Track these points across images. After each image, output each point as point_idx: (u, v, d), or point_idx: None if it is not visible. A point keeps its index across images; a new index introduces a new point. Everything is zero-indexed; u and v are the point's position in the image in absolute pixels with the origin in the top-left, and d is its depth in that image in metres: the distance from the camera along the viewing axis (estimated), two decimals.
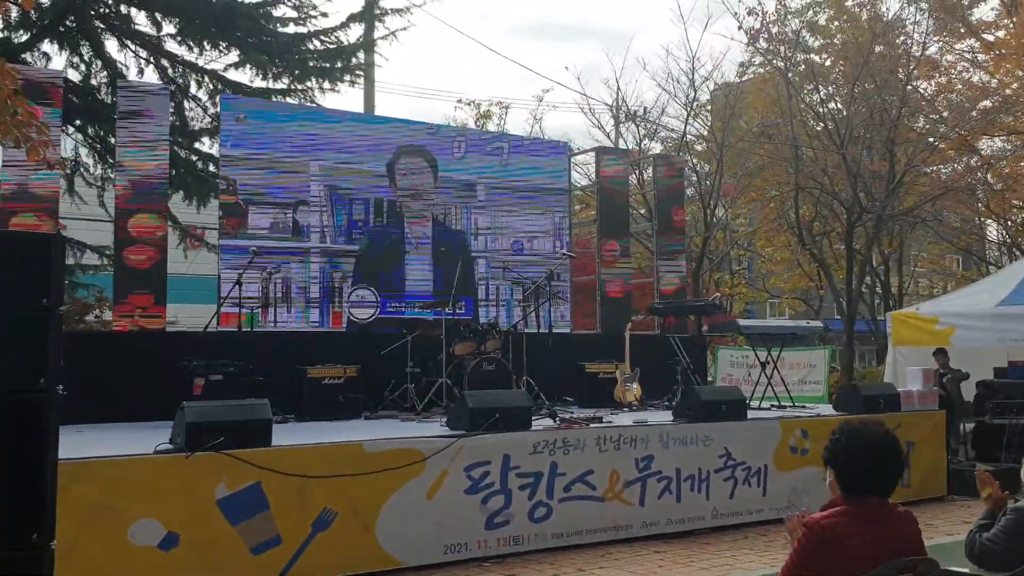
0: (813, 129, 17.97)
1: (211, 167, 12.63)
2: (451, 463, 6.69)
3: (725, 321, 11.96)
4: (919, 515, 3.21)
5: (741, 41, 23.52)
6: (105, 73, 12.90)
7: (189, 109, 13.11)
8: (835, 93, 19.68)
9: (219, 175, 10.24)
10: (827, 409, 9.86)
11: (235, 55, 12.74)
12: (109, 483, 5.46)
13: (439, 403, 9.19)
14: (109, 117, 11.06)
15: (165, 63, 13.05)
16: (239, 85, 12.95)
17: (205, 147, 13.38)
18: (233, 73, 12.94)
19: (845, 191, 17.77)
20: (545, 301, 10.81)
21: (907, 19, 20.23)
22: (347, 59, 13.18)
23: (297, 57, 12.85)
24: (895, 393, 9.45)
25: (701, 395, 8.21)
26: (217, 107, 11.62)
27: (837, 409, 9.41)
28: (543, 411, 8.39)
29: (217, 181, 10.50)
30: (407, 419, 8.71)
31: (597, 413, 8.49)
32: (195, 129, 13.26)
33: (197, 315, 9.38)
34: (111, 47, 12.95)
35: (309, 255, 10.36)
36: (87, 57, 12.81)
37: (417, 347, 9.61)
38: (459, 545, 6.66)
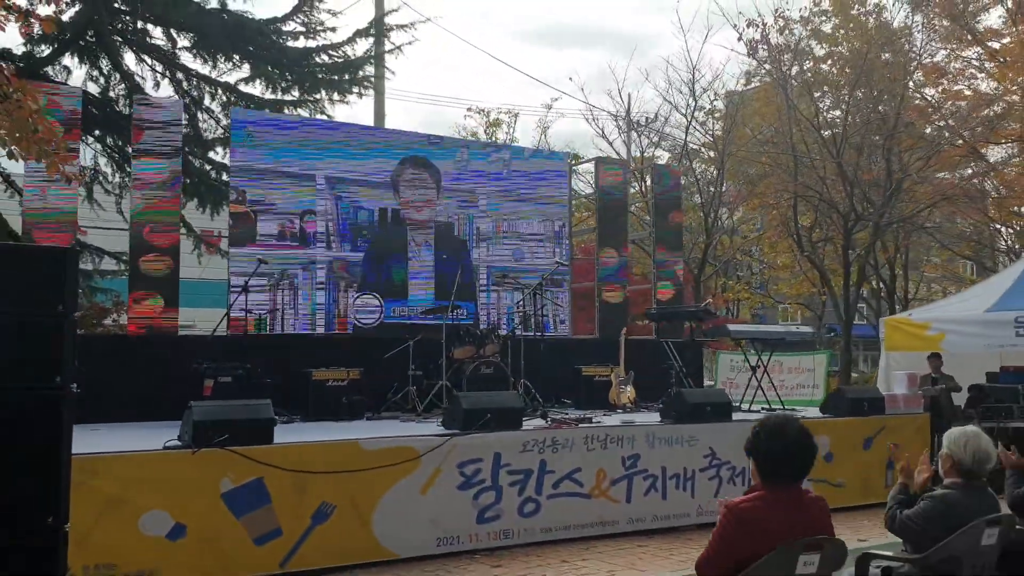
0: (811, 137, 18.23)
1: (224, 176, 13.06)
2: (444, 460, 7.05)
3: (716, 326, 12.28)
4: None
5: (741, 52, 23.83)
6: (123, 86, 13.35)
7: (203, 120, 13.57)
8: (838, 102, 19.93)
9: (228, 186, 10.66)
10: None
11: (247, 69, 13.19)
12: (121, 477, 5.85)
13: (439, 405, 9.51)
14: (127, 128, 11.51)
15: (180, 76, 13.51)
16: (251, 97, 13.39)
17: (218, 156, 13.84)
18: (245, 86, 13.42)
19: (842, 199, 18.05)
20: (543, 306, 11.19)
21: (914, 27, 20.50)
22: (354, 72, 13.61)
23: (306, 70, 13.29)
24: (880, 397, 9.75)
25: (688, 397, 8.54)
26: (230, 118, 12.06)
27: (823, 412, 9.71)
28: (537, 412, 8.75)
29: (228, 190, 10.92)
30: (408, 420, 9.08)
31: (587, 414, 8.84)
32: (208, 139, 13.72)
33: (213, 319, 9.82)
34: (129, 60, 13.43)
35: (315, 262, 10.77)
36: (106, 70, 13.26)
37: (419, 351, 9.99)
38: (451, 538, 7.03)
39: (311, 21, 13.28)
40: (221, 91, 13.50)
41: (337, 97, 13.71)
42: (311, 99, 13.70)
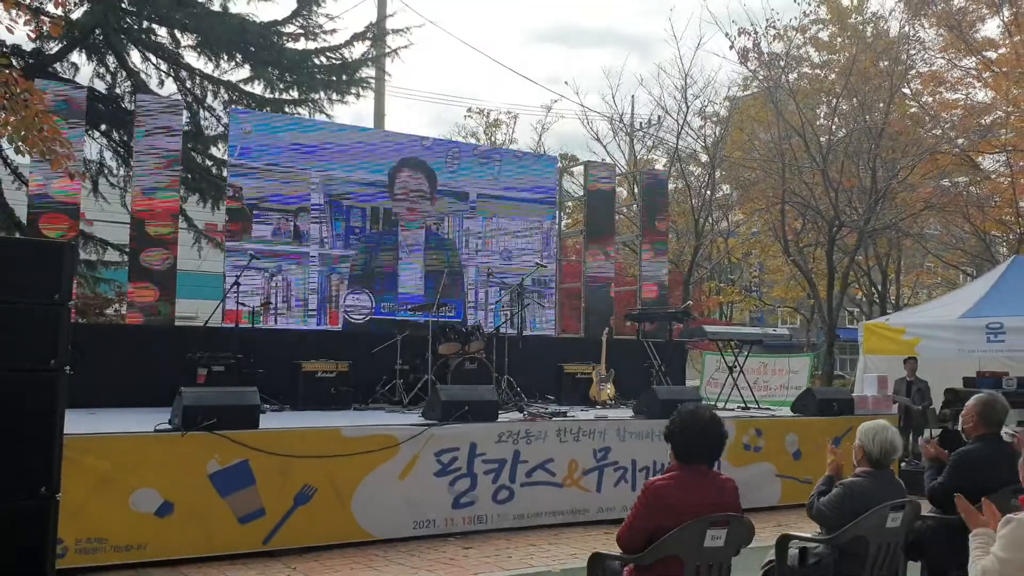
0: (800, 144, 18.56)
1: (223, 172, 13.47)
2: (423, 448, 7.43)
3: (695, 327, 12.66)
4: None
5: (732, 60, 24.16)
6: (129, 83, 13.78)
7: (204, 118, 13.99)
8: (833, 112, 20.23)
9: (227, 183, 11.06)
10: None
11: (247, 69, 13.61)
12: (114, 456, 6.23)
13: (425, 398, 9.91)
14: (131, 124, 11.91)
15: (184, 74, 13.95)
16: (252, 95, 13.82)
17: (219, 153, 14.26)
18: (246, 85, 13.84)
19: (826, 205, 18.39)
20: (527, 305, 11.56)
21: (912, 35, 20.74)
22: (352, 73, 14.03)
23: (305, 72, 13.71)
24: (849, 398, 10.10)
25: (659, 394, 8.90)
26: (230, 115, 12.45)
27: (794, 411, 10.06)
28: (514, 406, 9.12)
29: (227, 186, 11.32)
30: (393, 411, 9.45)
31: (563, 409, 9.22)
32: (209, 136, 14.14)
33: (211, 310, 10.23)
34: (134, 58, 13.87)
35: (309, 259, 11.17)
36: (112, 68, 13.71)
37: (406, 346, 10.37)
38: (427, 521, 7.41)
39: (310, 24, 13.71)
40: (223, 89, 13.92)
41: (336, 97, 14.13)
42: (310, 99, 14.12)
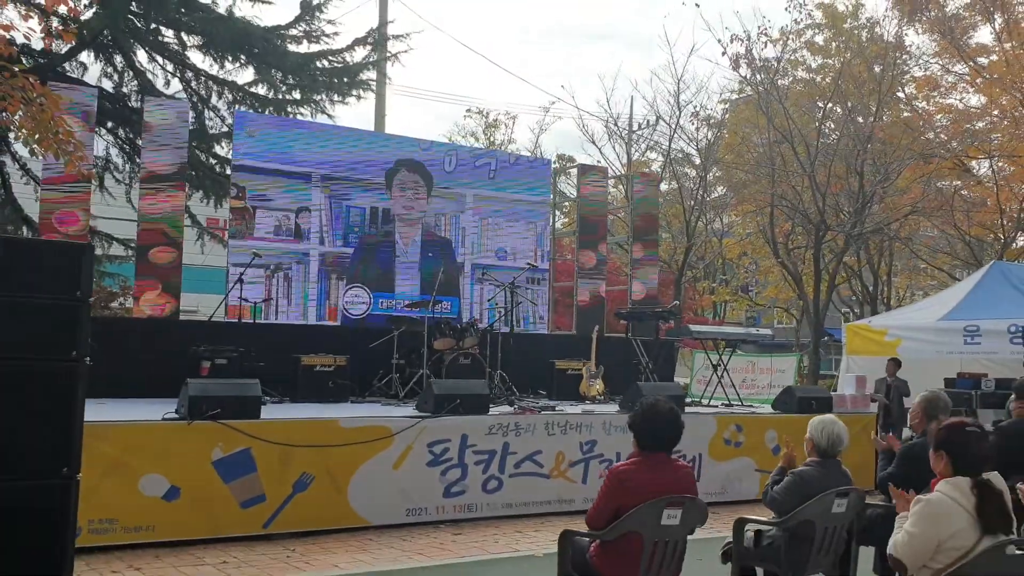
0: (788, 149, 18.91)
1: (227, 170, 13.85)
2: (416, 439, 7.81)
3: (681, 326, 13.05)
4: None
5: (725, 66, 24.50)
6: (135, 82, 14.15)
7: (209, 117, 14.37)
8: (826, 116, 20.58)
9: (231, 181, 11.44)
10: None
11: (251, 71, 14.03)
12: (124, 443, 6.61)
13: (420, 391, 10.28)
14: (138, 122, 12.28)
15: (189, 75, 14.32)
16: (255, 96, 14.21)
17: (223, 151, 14.64)
18: (250, 86, 14.21)
19: (812, 209, 18.76)
20: (520, 303, 11.94)
21: (904, 39, 21.13)
22: (353, 76, 14.42)
23: (307, 74, 14.10)
24: (828, 396, 10.49)
25: (643, 390, 9.25)
26: (234, 116, 12.83)
27: (775, 409, 10.44)
28: (504, 400, 9.51)
29: (230, 185, 11.70)
30: (388, 404, 9.82)
31: (552, 403, 9.60)
32: (213, 135, 14.52)
33: (214, 305, 10.60)
34: (141, 58, 14.24)
35: (309, 256, 11.56)
36: (119, 67, 14.08)
37: (403, 341, 10.73)
38: (419, 509, 7.80)
39: (311, 28, 14.09)
40: (227, 90, 14.30)
41: (337, 99, 14.52)
42: (313, 100, 14.51)
